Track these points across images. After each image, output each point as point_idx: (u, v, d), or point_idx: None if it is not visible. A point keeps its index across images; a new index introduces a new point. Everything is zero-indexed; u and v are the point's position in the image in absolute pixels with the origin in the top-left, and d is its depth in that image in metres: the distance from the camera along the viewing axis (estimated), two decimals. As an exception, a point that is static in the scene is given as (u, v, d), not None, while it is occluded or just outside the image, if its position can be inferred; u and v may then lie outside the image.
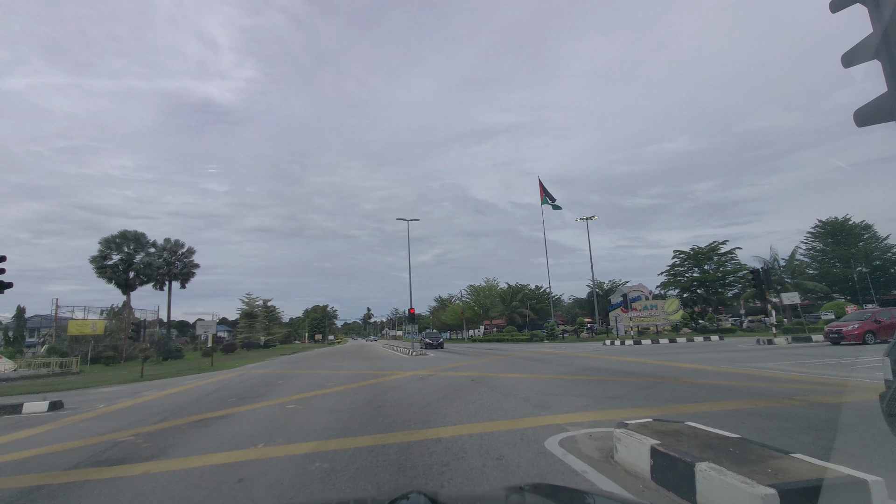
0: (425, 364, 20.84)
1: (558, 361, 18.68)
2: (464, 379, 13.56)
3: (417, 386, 12.39)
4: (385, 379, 14.80)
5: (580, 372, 14.01)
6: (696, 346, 25.34)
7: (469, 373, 15.36)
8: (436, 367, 18.33)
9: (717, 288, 54.56)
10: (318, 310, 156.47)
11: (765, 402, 7.49)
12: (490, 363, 19.59)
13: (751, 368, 12.80)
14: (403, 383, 13.28)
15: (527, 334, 51.51)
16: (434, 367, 18.91)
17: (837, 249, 46.35)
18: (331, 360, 30.21)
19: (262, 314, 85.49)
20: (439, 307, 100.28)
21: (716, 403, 7.60)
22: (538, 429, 6.26)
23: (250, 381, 16.75)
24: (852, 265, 44.50)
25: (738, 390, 8.99)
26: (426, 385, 12.49)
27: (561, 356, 22.05)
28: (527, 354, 24.52)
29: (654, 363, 15.93)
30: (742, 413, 6.76)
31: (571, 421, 6.69)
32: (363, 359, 29.07)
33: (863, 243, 45.43)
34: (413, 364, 21.23)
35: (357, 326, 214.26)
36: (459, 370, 16.70)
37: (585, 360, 18.97)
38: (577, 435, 5.75)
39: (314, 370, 20.62)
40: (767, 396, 8.08)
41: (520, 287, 71.64)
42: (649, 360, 17.06)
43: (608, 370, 14.13)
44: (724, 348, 22.11)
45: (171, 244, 57.65)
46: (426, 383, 12.94)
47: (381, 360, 25.74)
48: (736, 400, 7.87)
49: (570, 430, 6.10)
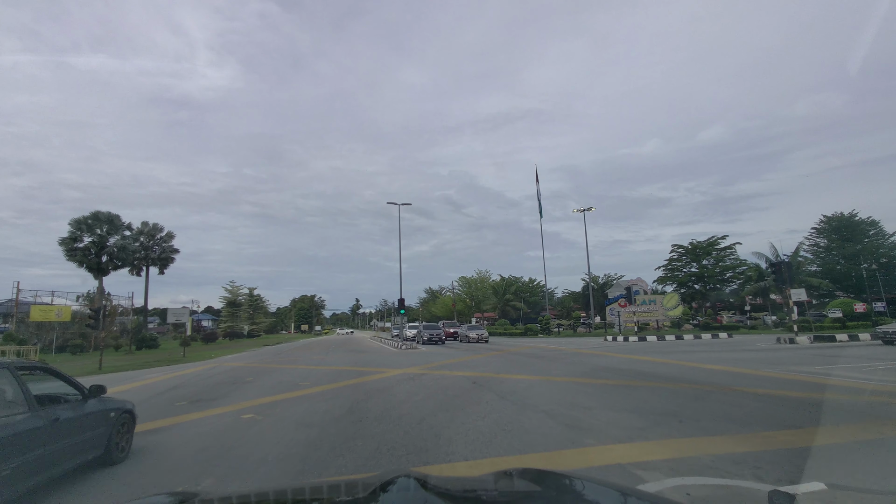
0: (416, 360, 18.81)
1: (565, 359, 16.76)
2: (463, 380, 11.55)
3: (408, 389, 10.34)
4: (370, 378, 12.74)
5: (597, 374, 12.06)
6: (707, 344, 23.62)
7: (467, 372, 13.34)
8: (428, 365, 16.30)
9: (715, 284, 53.25)
10: (306, 299, 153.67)
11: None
12: (488, 360, 17.63)
13: (803, 374, 10.92)
14: (391, 384, 11.23)
15: (520, 328, 49.72)
16: (426, 363, 16.88)
17: (844, 246, 45.03)
18: (313, 352, 28.08)
19: (246, 303, 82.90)
20: (429, 299, 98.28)
21: (833, 429, 5.62)
22: (592, 471, 4.23)
23: (217, 377, 14.57)
24: (859, 262, 43.27)
25: (839, 407, 7.01)
26: (419, 388, 10.44)
27: (564, 353, 20.16)
28: (525, 350, 22.60)
29: (676, 363, 14.07)
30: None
31: (636, 458, 4.65)
32: (349, 351, 26.98)
33: (868, 240, 44.19)
34: (402, 360, 19.18)
35: (345, 317, 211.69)
36: (455, 368, 14.69)
37: (594, 357, 17.09)
38: (663, 491, 3.71)
39: (292, 364, 18.48)
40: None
41: (513, 279, 69.79)
42: (668, 360, 15.20)
43: (630, 372, 12.20)
44: (739, 347, 20.39)
45: (150, 227, 54.83)
46: (418, 385, 10.91)
47: (367, 354, 23.67)
48: (860, 423, 5.88)
49: (645, 476, 4.07)
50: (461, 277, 73.48)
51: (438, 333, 32.72)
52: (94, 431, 4.96)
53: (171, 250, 55.99)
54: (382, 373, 13.93)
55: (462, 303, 70.70)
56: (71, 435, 4.56)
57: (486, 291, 69.44)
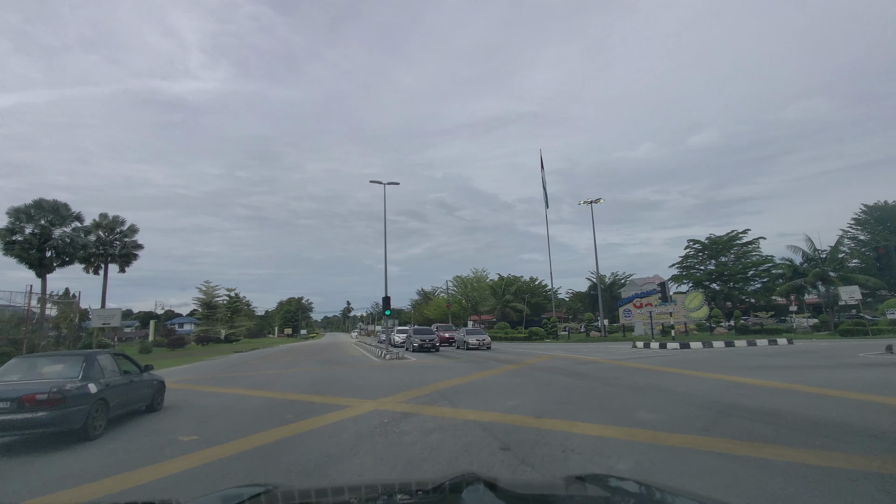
0: (400, 380, 13.37)
1: (618, 380, 11.39)
2: (478, 436, 6.13)
3: (373, 460, 4.92)
4: (318, 423, 7.27)
5: (730, 423, 6.68)
6: (782, 354, 18.37)
7: (481, 411, 7.90)
8: (416, 391, 10.84)
9: (737, 282, 48.23)
10: (293, 302, 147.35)
11: None
12: (505, 380, 12.26)
13: None
14: (347, 443, 5.81)
15: (524, 332, 44.33)
16: (413, 387, 11.45)
17: (889, 238, 40.21)
18: (276, 363, 22.62)
19: (224, 305, 76.70)
20: (422, 301, 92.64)
21: None
22: None
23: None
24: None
25: None
26: (395, 457, 5.03)
27: (602, 367, 14.83)
28: (546, 362, 17.25)
29: (804, 391, 8.78)
30: None
31: None
32: (320, 362, 21.54)
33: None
34: (382, 379, 13.75)
35: (337, 320, 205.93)
36: (459, 399, 9.28)
37: (660, 377, 11.74)
38: None
39: (224, 387, 12.98)
40: None
41: (513, 279, 64.16)
42: (793, 386, 9.87)
43: (779, 417, 6.83)
44: (836, 358, 15.21)
45: (109, 220, 48.78)
46: (395, 449, 5.48)
47: (338, 367, 18.20)
48: None
49: None
50: (456, 277, 67.74)
51: (431, 339, 27.20)
52: (147, 390, 8.93)
53: (134, 246, 50.03)
54: (344, 408, 8.50)
55: (457, 304, 65.18)
56: (138, 390, 8.55)
57: (483, 292, 63.86)
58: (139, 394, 8.59)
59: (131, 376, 8.44)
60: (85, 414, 6.61)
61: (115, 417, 7.73)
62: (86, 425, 6.62)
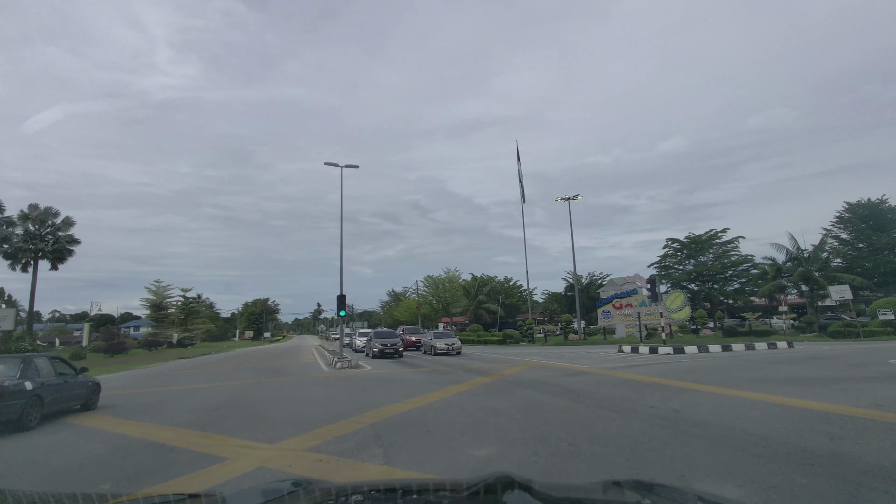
0: (335, 401, 10.11)
1: (639, 407, 8.42)
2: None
3: None
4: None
5: (871, 497, 3.73)
6: (798, 360, 15.92)
7: (433, 477, 4.76)
8: (347, 422, 7.59)
9: (716, 282, 46.70)
10: (259, 304, 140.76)
11: None
12: (475, 402, 9.15)
13: None
14: None
15: (497, 334, 41.44)
16: (347, 416, 8.20)
17: (873, 237, 39.03)
18: (210, 373, 19.06)
19: (178, 307, 71.13)
20: (392, 302, 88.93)
21: None
22: None
23: None
24: (893, 255, 37.46)
25: None
26: None
27: (603, 381, 11.93)
28: (526, 373, 14.28)
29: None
30: None
31: None
32: (259, 372, 18.09)
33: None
34: (314, 398, 10.47)
35: (308, 322, 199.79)
36: (401, 449, 6.07)
37: (697, 400, 8.86)
38: None
39: (97, 415, 9.45)
40: None
41: (486, 279, 61.28)
42: (879, 414, 7.10)
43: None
44: (872, 364, 12.78)
45: (39, 212, 43.48)
46: None
47: (272, 381, 14.76)
48: None
49: None
50: (427, 277, 64.30)
51: (394, 344, 23.90)
52: (81, 391, 9.74)
53: (69, 240, 44.73)
54: (213, 464, 5.21)
55: (428, 305, 61.90)
56: (72, 390, 9.42)
57: (455, 293, 60.75)
58: (73, 393, 9.55)
59: (66, 378, 9.50)
60: (20, 408, 7.68)
61: (50, 413, 8.76)
62: (21, 417, 7.66)
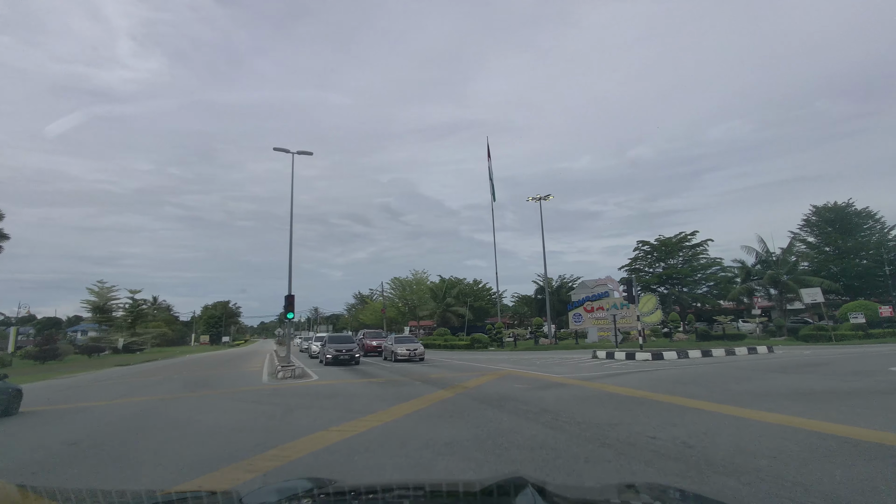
0: (238, 429, 7.89)
1: (636, 437, 6.50)
2: None
3: None
4: None
5: None
6: (792, 367, 14.56)
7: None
8: (245, 464, 5.38)
9: (685, 286, 46.29)
10: (219, 306, 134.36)
11: None
12: (424, 432, 7.07)
13: None
14: None
15: (465, 339, 39.47)
16: (247, 455, 5.97)
17: (839, 241, 39.14)
18: (130, 384, 16.27)
19: (125, 310, 66.06)
20: (358, 305, 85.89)
21: None
22: None
23: None
24: (860, 259, 37.57)
25: None
26: None
27: (585, 397, 10.07)
28: (493, 385, 12.32)
29: None
30: None
31: None
32: (185, 385, 15.51)
33: (865, 234, 38.80)
34: (210, 426, 8.22)
35: (274, 325, 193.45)
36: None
37: (706, 425, 7.04)
38: None
39: None
40: None
41: (455, 281, 59.38)
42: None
43: None
44: (875, 373, 11.43)
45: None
46: None
47: (186, 397, 12.29)
48: None
49: None
50: (394, 279, 61.95)
51: (350, 349, 21.49)
52: (2, 396, 9.69)
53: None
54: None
55: (394, 308, 59.47)
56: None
57: (422, 295, 58.58)
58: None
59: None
60: None
61: None
62: None
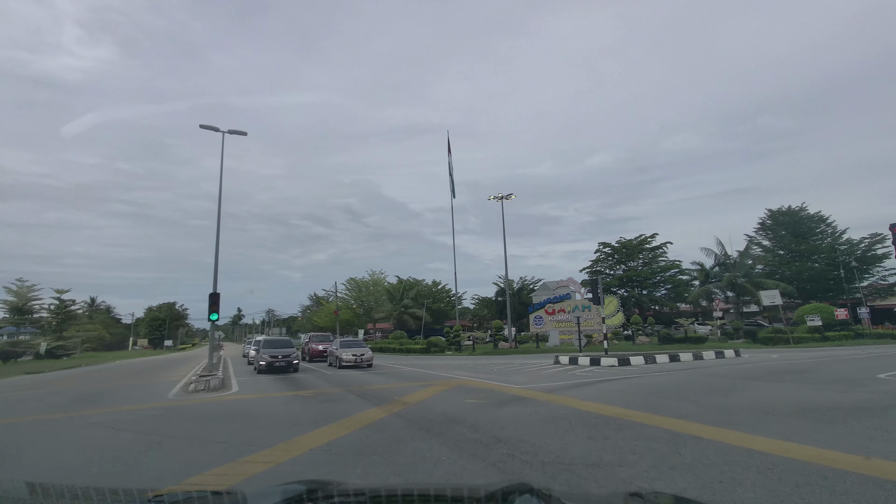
0: (79, 472, 5.57)
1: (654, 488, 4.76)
2: None
3: None
4: None
5: None
6: (775, 373, 13.41)
7: None
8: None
9: (644, 288, 46.15)
10: (164, 308, 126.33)
11: None
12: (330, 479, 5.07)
13: None
14: None
15: (422, 342, 37.48)
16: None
17: (793, 243, 39.80)
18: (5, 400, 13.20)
19: (50, 311, 60.03)
20: (314, 307, 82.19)
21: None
22: None
23: None
24: (813, 261, 38.28)
25: None
26: None
27: (550, 417, 8.31)
28: (440, 400, 10.43)
29: None
30: None
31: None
32: (81, 399, 12.69)
33: (817, 237, 39.65)
34: (45, 467, 5.81)
35: (227, 328, 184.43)
36: None
37: (726, 460, 5.34)
38: None
39: None
40: None
41: (413, 282, 57.23)
42: None
43: None
44: (867, 381, 10.33)
45: None
46: None
47: (83, 412, 9.66)
48: None
49: None
50: (350, 279, 59.15)
51: (287, 355, 19.05)
52: None
53: None
54: None
55: (349, 311, 56.71)
56: None
57: (379, 296, 56.16)
58: None
59: None
60: None
61: None
62: None
